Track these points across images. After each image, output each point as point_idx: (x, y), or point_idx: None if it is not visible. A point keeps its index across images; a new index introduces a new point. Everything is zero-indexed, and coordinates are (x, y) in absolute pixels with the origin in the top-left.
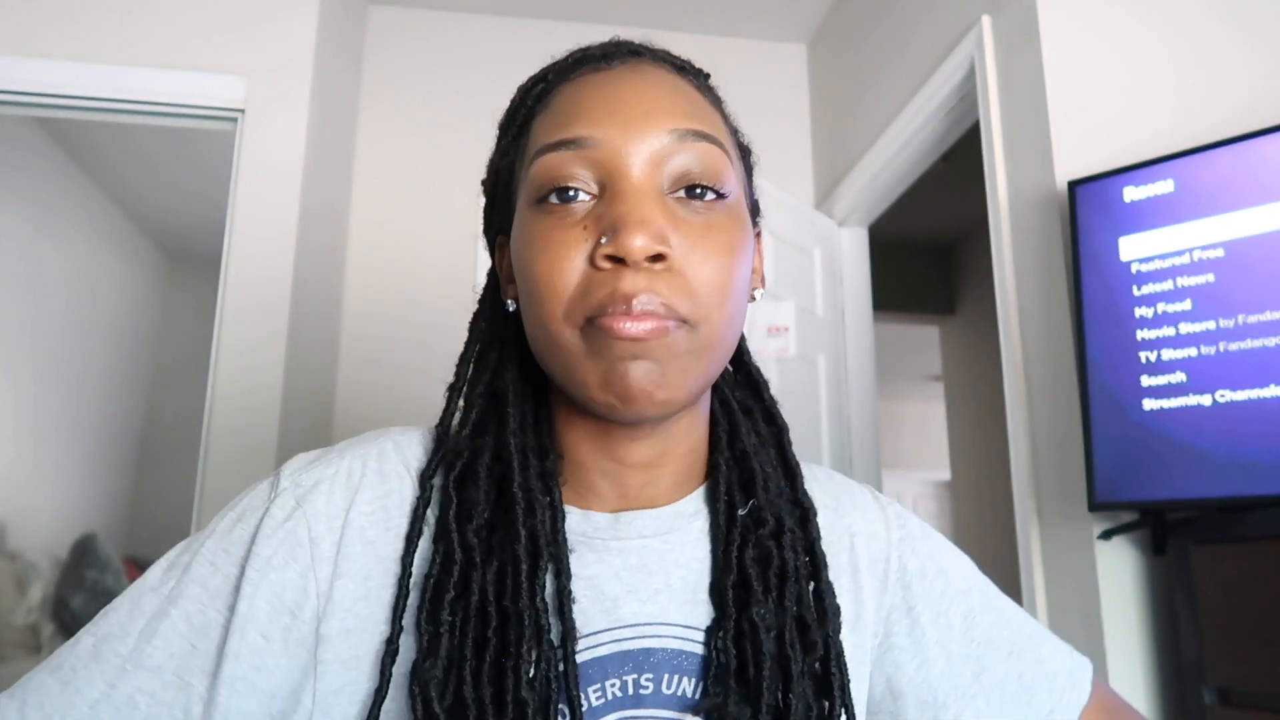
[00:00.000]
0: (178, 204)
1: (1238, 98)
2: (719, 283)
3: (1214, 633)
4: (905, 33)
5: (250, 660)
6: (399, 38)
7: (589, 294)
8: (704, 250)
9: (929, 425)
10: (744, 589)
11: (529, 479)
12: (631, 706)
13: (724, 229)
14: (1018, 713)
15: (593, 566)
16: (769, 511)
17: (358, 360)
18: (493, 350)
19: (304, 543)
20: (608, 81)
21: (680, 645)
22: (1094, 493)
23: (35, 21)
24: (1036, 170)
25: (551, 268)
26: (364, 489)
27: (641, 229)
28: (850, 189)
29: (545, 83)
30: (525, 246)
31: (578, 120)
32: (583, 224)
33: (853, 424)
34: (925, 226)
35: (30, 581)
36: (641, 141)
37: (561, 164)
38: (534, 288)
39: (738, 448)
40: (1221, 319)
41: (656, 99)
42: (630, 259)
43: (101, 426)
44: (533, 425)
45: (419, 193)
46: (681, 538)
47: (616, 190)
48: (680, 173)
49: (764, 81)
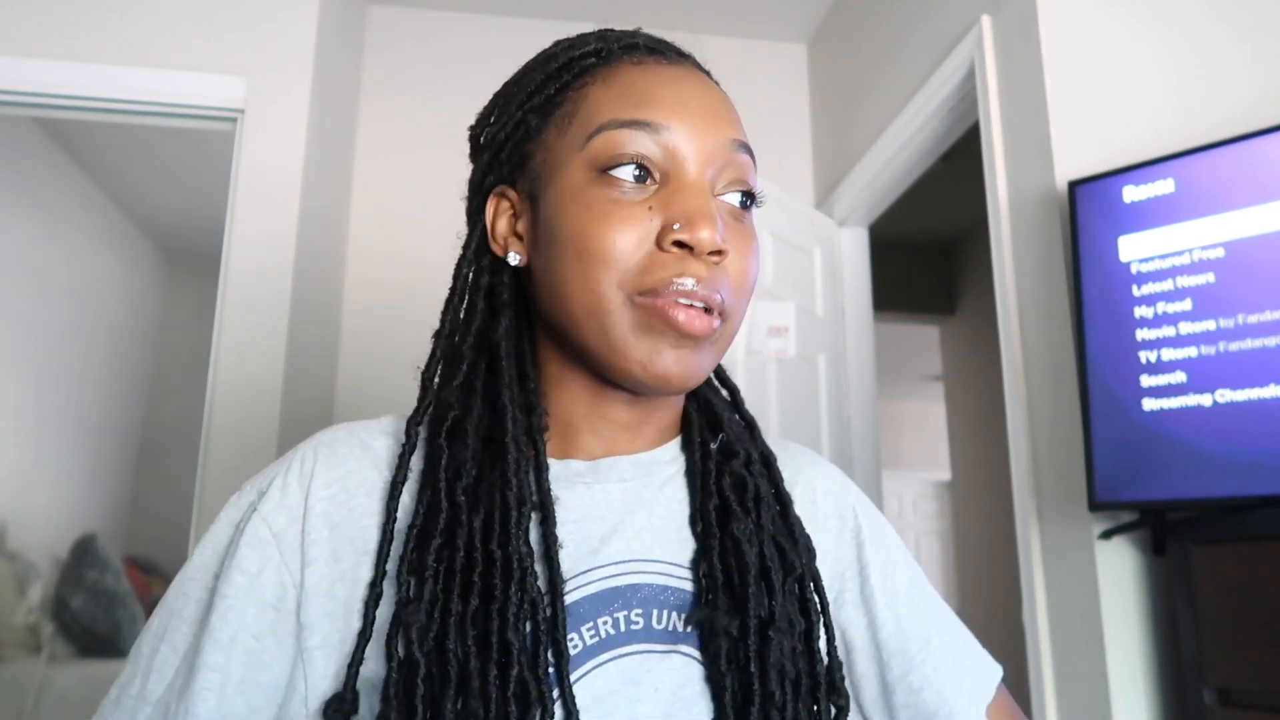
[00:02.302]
0: (178, 204)
1: (1238, 98)
2: (748, 284)
3: (1214, 633)
4: (905, 33)
5: (245, 661)
6: (399, 38)
7: (650, 271)
8: (742, 251)
9: (929, 425)
10: (725, 511)
11: (517, 433)
12: (624, 643)
13: (753, 234)
14: (949, 689)
15: (576, 511)
16: (738, 446)
17: (358, 360)
18: (481, 300)
19: (268, 540)
20: (678, 76)
21: (665, 581)
22: (1094, 493)
23: (35, 21)
24: (1036, 170)
25: (618, 237)
26: (318, 475)
27: (712, 225)
28: (850, 189)
29: (600, 55)
30: (584, 210)
31: (653, 106)
32: (648, 204)
33: (853, 424)
34: (925, 226)
35: (30, 581)
36: (710, 143)
37: (635, 142)
38: (591, 251)
39: (703, 398)
40: (1221, 319)
41: (720, 106)
42: (699, 249)
43: (101, 426)
44: (519, 381)
45: (419, 192)
46: (659, 480)
47: (686, 184)
48: (731, 179)
49: (764, 81)
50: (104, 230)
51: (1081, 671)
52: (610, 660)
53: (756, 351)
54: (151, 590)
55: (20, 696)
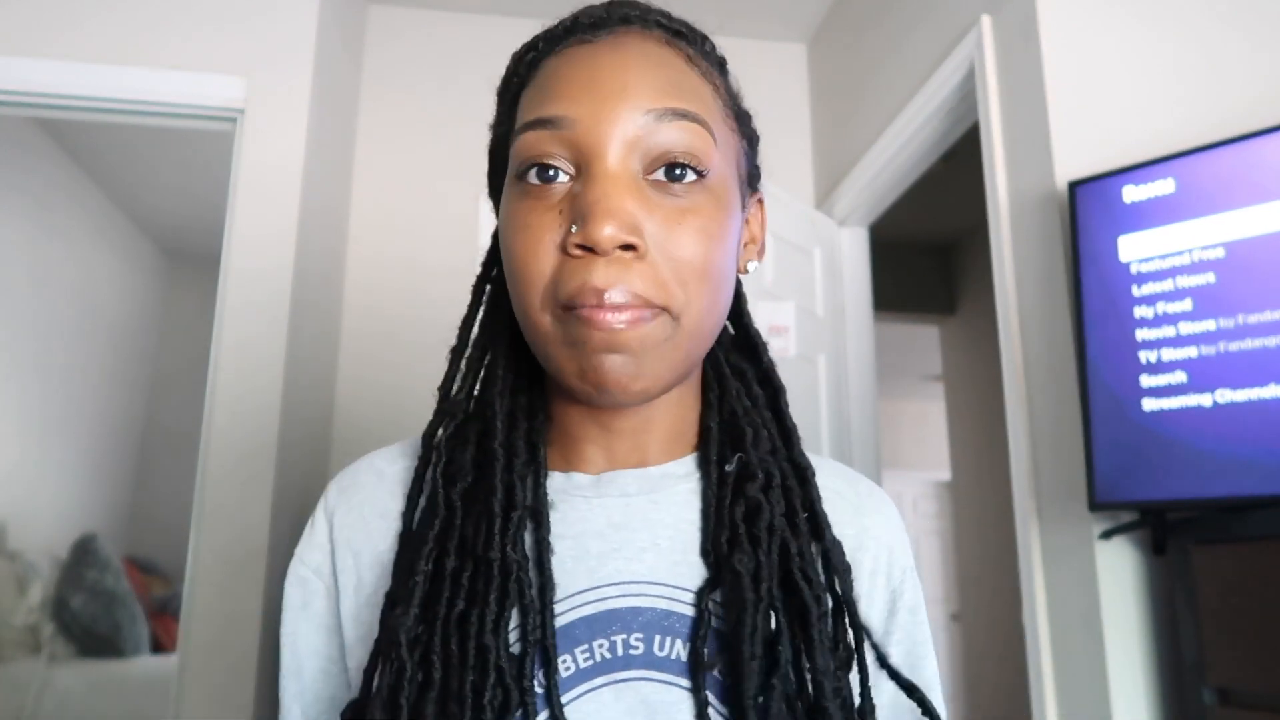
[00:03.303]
0: (178, 204)
1: (1238, 98)
2: (697, 268)
3: (1214, 633)
4: (905, 33)
5: (324, 682)
6: (399, 37)
7: (562, 282)
8: (680, 236)
9: (929, 425)
10: (733, 544)
11: (513, 438)
12: (621, 668)
13: (700, 211)
14: None
15: (576, 525)
16: (758, 467)
17: (358, 360)
18: (489, 313)
19: (309, 577)
20: (589, 56)
21: (669, 606)
22: (1094, 493)
23: (35, 21)
24: (1036, 170)
25: (527, 252)
26: (339, 510)
27: (610, 218)
28: (850, 189)
29: (535, 52)
30: (505, 224)
31: (556, 98)
32: (559, 207)
33: (853, 424)
34: (925, 226)
35: (30, 581)
36: (616, 122)
37: (539, 143)
38: (512, 270)
39: (726, 410)
40: (1221, 319)
41: (636, 76)
42: (599, 249)
43: (101, 426)
44: (525, 388)
45: (419, 192)
46: (669, 498)
47: (590, 175)
48: (657, 154)
49: (764, 81)
50: (104, 230)
51: (1081, 671)
52: (605, 685)
53: None
54: (151, 590)
55: (20, 696)
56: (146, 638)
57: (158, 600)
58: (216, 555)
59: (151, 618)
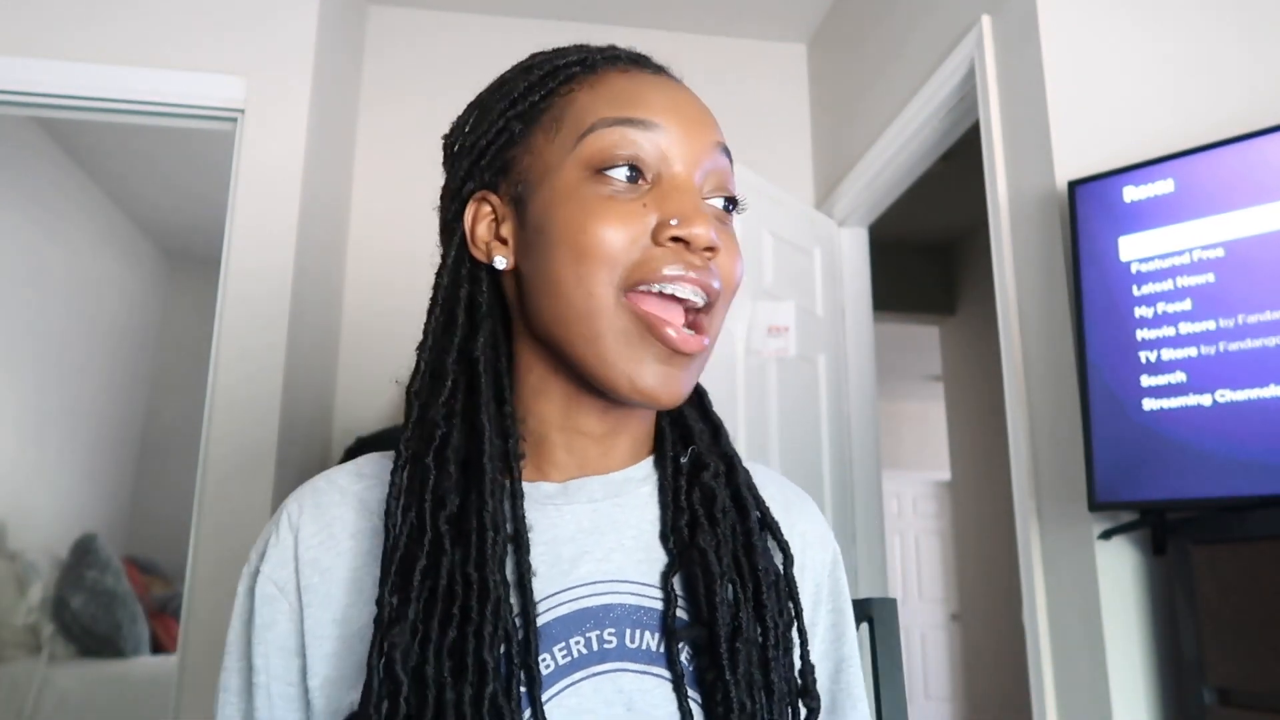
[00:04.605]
0: (178, 204)
1: (1238, 98)
2: (736, 283)
3: (1214, 633)
4: (905, 33)
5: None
6: (399, 37)
7: (644, 265)
8: (730, 252)
9: (929, 425)
10: (694, 526)
11: (494, 457)
12: (598, 662)
13: (735, 236)
14: None
15: (547, 532)
16: (708, 457)
17: (358, 359)
18: (462, 311)
19: (276, 595)
20: (665, 83)
21: (638, 601)
22: (1094, 493)
23: (35, 21)
24: (1036, 170)
25: (614, 233)
26: (304, 525)
27: (707, 222)
28: (850, 189)
29: (585, 64)
30: (578, 208)
31: (644, 106)
32: (642, 202)
33: (853, 424)
34: (925, 226)
35: (30, 581)
36: (699, 144)
37: (628, 140)
38: (587, 247)
39: (676, 410)
40: (1221, 319)
41: (704, 112)
42: (695, 244)
43: (101, 426)
44: (497, 402)
45: (419, 192)
46: (632, 500)
47: (679, 184)
48: (717, 183)
49: (764, 81)
50: (104, 230)
51: (1081, 671)
52: (584, 679)
53: (756, 351)
54: (151, 590)
55: (20, 696)
56: (146, 638)
57: (158, 600)
58: (216, 555)
59: (151, 618)
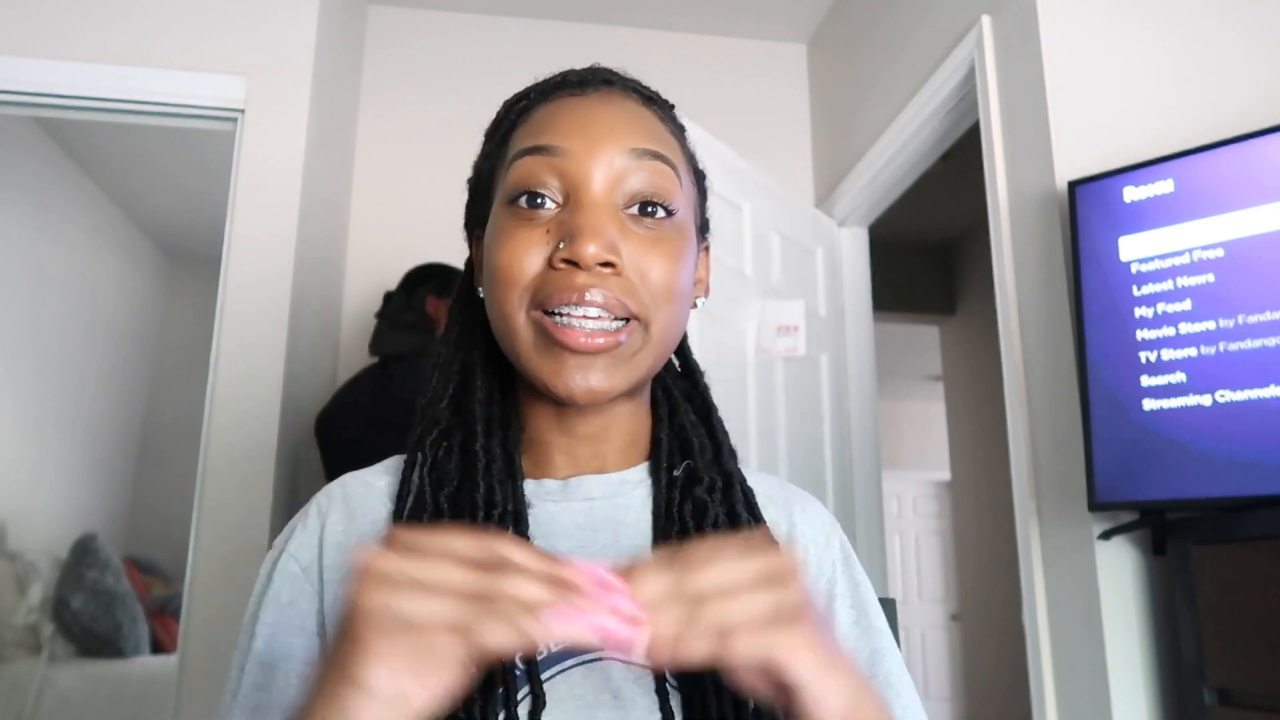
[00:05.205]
0: (178, 204)
1: (1238, 98)
2: (666, 286)
3: (1214, 633)
4: (905, 33)
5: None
6: (399, 37)
7: (543, 287)
8: (652, 260)
9: (929, 425)
10: (684, 537)
11: (491, 444)
12: (589, 651)
13: (669, 241)
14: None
15: (546, 526)
16: (705, 472)
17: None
18: (468, 332)
19: (298, 574)
20: (580, 104)
21: None
22: (1094, 493)
23: (35, 21)
24: (1036, 170)
25: (513, 260)
26: (332, 513)
27: (595, 238)
28: (850, 189)
29: (527, 100)
30: (493, 239)
31: (551, 132)
32: (546, 228)
33: (853, 424)
34: (925, 226)
35: (30, 581)
36: (603, 157)
37: (534, 169)
38: (496, 275)
39: (677, 423)
40: (1221, 319)
41: (620, 122)
42: (583, 264)
43: (101, 426)
44: (499, 400)
45: (419, 192)
46: (627, 501)
47: (578, 201)
48: (635, 190)
49: (764, 81)
50: (104, 230)
51: (1081, 671)
52: (574, 666)
53: (765, 350)
54: (151, 590)
55: (20, 696)
56: (146, 638)
57: (158, 600)
58: (216, 555)
59: (151, 618)
